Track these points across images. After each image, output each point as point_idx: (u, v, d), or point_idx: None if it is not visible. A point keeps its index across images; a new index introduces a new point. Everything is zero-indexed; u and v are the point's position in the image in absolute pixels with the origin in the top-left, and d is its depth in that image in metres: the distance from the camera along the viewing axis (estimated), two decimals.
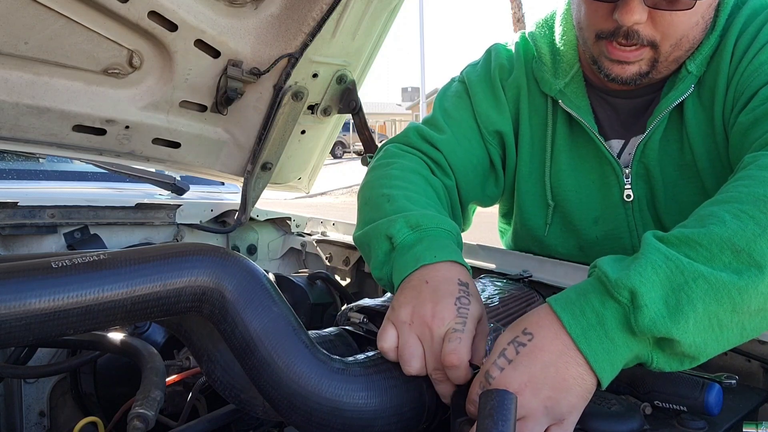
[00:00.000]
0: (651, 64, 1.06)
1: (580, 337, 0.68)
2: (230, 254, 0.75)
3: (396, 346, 0.80)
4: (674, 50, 1.05)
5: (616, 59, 1.06)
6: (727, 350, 0.89)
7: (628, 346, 0.68)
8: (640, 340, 0.68)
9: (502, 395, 0.62)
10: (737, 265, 0.68)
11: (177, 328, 0.84)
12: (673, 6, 1.00)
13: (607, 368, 0.68)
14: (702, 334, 0.67)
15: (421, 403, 0.79)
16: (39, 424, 1.59)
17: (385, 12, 1.41)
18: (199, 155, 1.56)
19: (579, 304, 0.70)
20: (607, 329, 0.68)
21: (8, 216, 1.54)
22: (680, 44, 1.05)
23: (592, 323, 0.68)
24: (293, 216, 1.94)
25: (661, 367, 0.70)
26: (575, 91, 1.20)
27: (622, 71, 1.07)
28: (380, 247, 0.95)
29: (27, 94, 1.23)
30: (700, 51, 1.09)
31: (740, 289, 0.67)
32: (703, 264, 0.68)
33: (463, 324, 0.78)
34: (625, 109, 1.19)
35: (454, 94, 1.30)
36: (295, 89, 1.42)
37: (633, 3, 0.99)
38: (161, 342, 1.29)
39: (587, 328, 0.68)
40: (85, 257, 0.67)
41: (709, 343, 0.68)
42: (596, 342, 0.68)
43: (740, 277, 0.67)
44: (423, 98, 24.18)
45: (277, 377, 0.73)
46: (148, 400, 0.81)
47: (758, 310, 0.68)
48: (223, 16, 1.28)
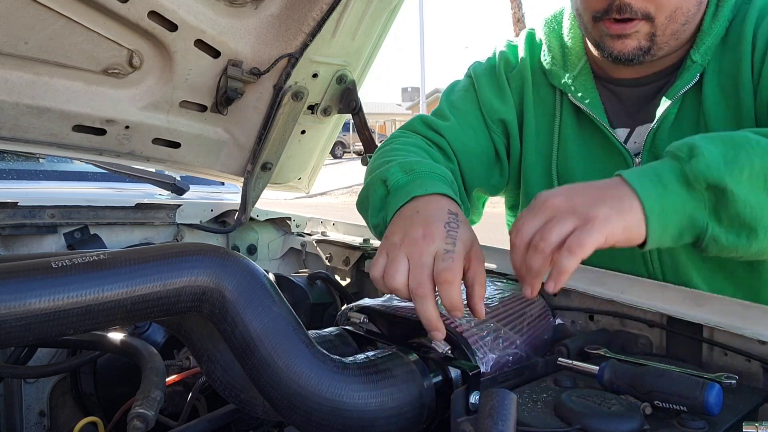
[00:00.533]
0: (650, 38, 1.08)
1: (634, 179, 0.75)
2: (230, 254, 0.75)
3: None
4: (670, 23, 1.07)
5: (615, 34, 1.08)
6: (727, 351, 0.90)
7: (680, 196, 0.75)
8: (694, 194, 0.74)
9: (502, 395, 0.62)
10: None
11: (177, 328, 0.84)
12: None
13: (656, 210, 0.73)
14: (756, 193, 0.73)
15: (421, 403, 0.80)
16: (39, 424, 1.59)
17: (385, 12, 1.41)
18: (199, 155, 1.56)
19: (641, 169, 0.78)
20: (661, 177, 0.75)
21: (8, 216, 1.54)
22: (675, 17, 1.06)
23: (648, 173, 0.76)
24: (293, 216, 1.94)
25: (717, 236, 0.74)
26: (584, 83, 1.23)
27: (623, 46, 1.09)
28: (376, 193, 1.00)
29: (27, 94, 1.23)
30: (703, 39, 1.11)
31: None
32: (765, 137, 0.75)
33: (453, 245, 0.81)
34: (630, 98, 1.21)
35: (461, 87, 1.34)
36: (295, 89, 1.42)
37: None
38: (161, 342, 1.29)
39: (642, 176, 0.75)
40: (85, 257, 0.67)
41: (765, 208, 0.73)
42: (649, 184, 0.74)
43: None
44: (423, 98, 24.18)
45: (277, 377, 0.73)
46: (148, 400, 0.81)
47: None
48: (223, 16, 1.28)
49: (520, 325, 1.01)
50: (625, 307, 1.02)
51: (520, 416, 0.73)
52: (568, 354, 0.93)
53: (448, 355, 0.87)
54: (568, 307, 1.09)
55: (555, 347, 0.97)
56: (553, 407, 0.75)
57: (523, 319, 1.03)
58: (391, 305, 1.00)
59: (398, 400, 0.77)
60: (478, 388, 0.78)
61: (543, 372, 0.91)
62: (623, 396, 0.76)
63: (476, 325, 0.94)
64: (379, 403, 0.75)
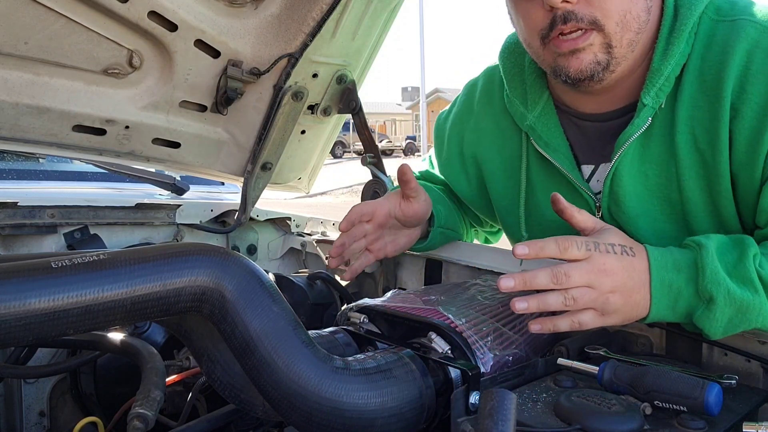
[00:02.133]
0: (605, 50, 1.01)
1: (656, 293, 0.88)
2: (230, 254, 0.76)
3: None
4: (623, 31, 1.00)
5: (567, 50, 1.01)
6: (727, 351, 0.90)
7: (680, 320, 0.90)
8: (686, 323, 0.90)
9: (502, 395, 0.62)
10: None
11: (177, 328, 0.84)
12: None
13: (656, 319, 0.90)
14: (723, 335, 0.88)
15: (421, 403, 0.80)
16: (39, 424, 1.59)
17: (385, 12, 1.41)
18: (199, 155, 1.56)
19: (669, 275, 0.88)
20: (676, 305, 0.88)
21: (8, 216, 1.54)
22: (626, 23, 1.00)
23: (671, 293, 0.88)
24: (293, 216, 1.94)
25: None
26: (547, 121, 1.19)
27: (579, 62, 1.01)
28: None
29: (27, 94, 1.23)
30: (653, 81, 1.04)
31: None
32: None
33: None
34: (594, 133, 1.17)
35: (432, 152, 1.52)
36: (295, 89, 1.42)
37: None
38: (161, 342, 1.29)
39: (665, 293, 0.88)
40: (85, 257, 0.67)
41: (718, 334, 0.88)
42: (665, 306, 0.89)
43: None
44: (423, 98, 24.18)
45: (277, 377, 0.73)
46: (148, 400, 0.81)
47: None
48: (223, 16, 1.28)
49: (520, 325, 1.01)
50: None
51: (520, 416, 0.73)
52: (568, 354, 0.93)
53: (448, 355, 0.87)
54: None
55: (555, 347, 0.97)
56: (553, 407, 0.75)
57: (523, 319, 1.03)
58: (391, 305, 1.00)
59: (398, 400, 0.77)
60: (478, 388, 0.78)
61: (543, 372, 0.91)
62: (623, 396, 0.76)
63: (476, 324, 0.94)
64: (379, 403, 0.75)
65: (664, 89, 1.04)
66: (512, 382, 0.87)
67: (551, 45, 1.03)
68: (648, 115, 1.05)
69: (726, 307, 0.85)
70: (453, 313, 0.95)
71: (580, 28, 0.99)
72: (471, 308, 0.99)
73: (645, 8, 1.02)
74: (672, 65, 1.03)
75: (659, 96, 1.04)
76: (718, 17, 1.03)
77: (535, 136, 1.19)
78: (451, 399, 0.76)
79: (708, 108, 1.01)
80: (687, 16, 1.02)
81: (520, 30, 1.11)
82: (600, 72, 1.02)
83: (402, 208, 1.22)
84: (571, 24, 0.98)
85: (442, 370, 0.85)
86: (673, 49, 1.03)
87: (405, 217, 1.23)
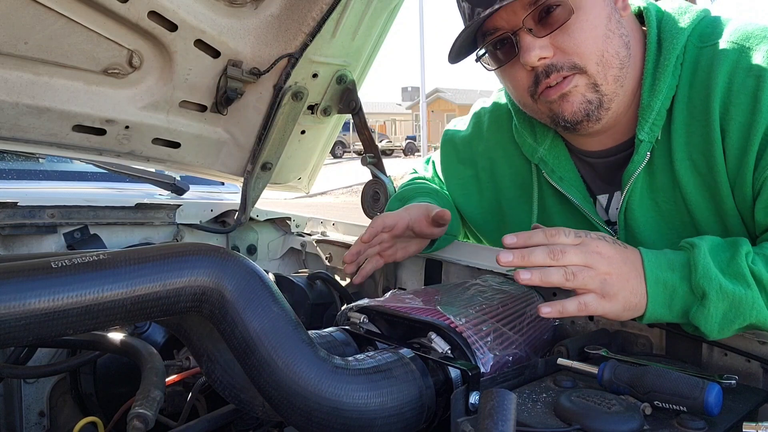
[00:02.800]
0: (593, 89, 1.05)
1: (652, 289, 0.89)
2: (230, 254, 0.75)
3: None
4: (606, 69, 1.04)
5: (556, 96, 1.05)
6: (727, 351, 0.90)
7: (676, 318, 0.90)
8: (688, 323, 0.90)
9: (502, 395, 0.62)
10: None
11: (177, 328, 0.84)
12: (559, 21, 1.01)
13: (652, 319, 0.90)
14: (724, 334, 0.88)
15: (421, 403, 0.79)
16: (39, 424, 1.59)
17: (385, 12, 1.41)
18: (199, 155, 1.56)
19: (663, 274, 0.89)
20: (672, 302, 0.89)
21: (8, 216, 1.53)
22: (606, 61, 1.04)
23: (666, 287, 0.89)
24: (293, 216, 1.94)
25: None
26: (557, 156, 1.23)
27: (570, 105, 1.06)
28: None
29: (27, 94, 1.23)
30: (646, 117, 1.07)
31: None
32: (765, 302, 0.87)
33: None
34: (602, 168, 1.21)
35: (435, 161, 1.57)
36: (295, 89, 1.42)
37: (526, 42, 1.03)
38: (161, 342, 1.29)
39: (660, 289, 0.89)
40: (85, 257, 0.67)
41: (714, 332, 0.88)
42: (661, 302, 0.89)
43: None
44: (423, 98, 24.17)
45: (276, 377, 0.73)
46: (147, 400, 0.81)
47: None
48: (223, 16, 1.28)
49: (520, 325, 1.01)
50: None
51: (520, 416, 0.73)
52: (568, 354, 0.93)
53: (448, 355, 0.87)
54: None
55: (555, 347, 0.97)
56: (553, 407, 0.75)
57: (523, 319, 1.03)
58: (391, 305, 1.00)
59: (398, 400, 0.77)
60: (478, 388, 0.78)
61: (543, 372, 0.91)
62: (623, 396, 0.76)
63: (475, 324, 0.94)
64: (379, 403, 0.75)
65: (658, 123, 1.08)
66: (512, 382, 0.86)
67: (542, 98, 1.08)
68: (646, 149, 1.09)
69: (719, 301, 0.85)
70: (453, 313, 0.95)
71: (564, 76, 1.04)
72: (471, 308, 0.99)
73: (623, 44, 1.06)
74: (661, 100, 1.07)
75: (653, 130, 1.08)
76: (702, 44, 1.07)
77: (548, 169, 1.23)
78: (451, 399, 0.76)
79: (701, 133, 1.04)
80: (670, 49, 1.06)
81: (512, 92, 1.17)
82: (594, 111, 1.06)
83: (426, 229, 1.28)
84: (554, 75, 1.04)
85: (442, 370, 0.85)
86: (660, 84, 1.06)
87: (425, 235, 1.30)
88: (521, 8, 1.02)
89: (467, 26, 1.06)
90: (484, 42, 1.10)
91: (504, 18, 1.04)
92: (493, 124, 1.37)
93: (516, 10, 1.02)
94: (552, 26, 1.02)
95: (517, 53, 1.05)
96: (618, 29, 1.05)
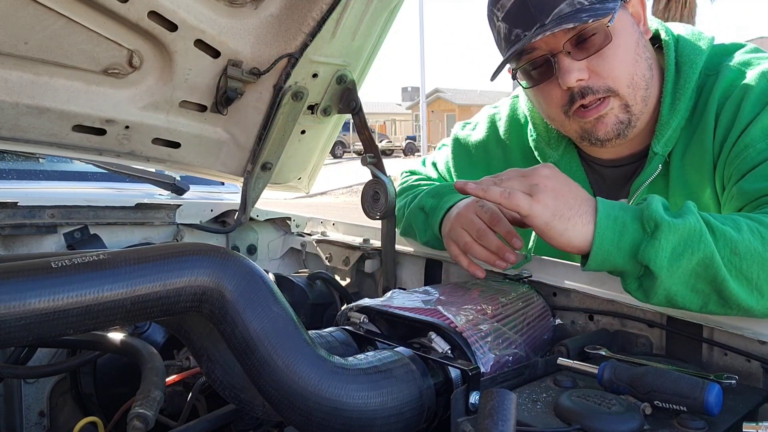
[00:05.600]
0: (625, 110, 1.13)
1: (602, 220, 0.88)
2: (230, 254, 0.76)
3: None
4: (635, 90, 1.13)
5: (593, 118, 1.13)
6: (727, 351, 0.90)
7: (621, 257, 0.88)
8: (635, 264, 0.87)
9: (502, 395, 0.62)
10: (727, 262, 0.86)
11: (177, 328, 0.84)
12: (596, 47, 1.08)
13: (598, 247, 0.88)
14: (678, 286, 0.86)
15: (421, 403, 0.80)
16: (39, 424, 1.59)
17: (385, 12, 1.41)
18: (199, 155, 1.56)
19: (616, 211, 0.90)
20: (621, 242, 0.88)
21: (8, 216, 1.53)
22: (635, 83, 1.12)
23: (617, 221, 0.89)
24: (293, 216, 1.94)
25: (629, 289, 0.91)
26: (569, 162, 1.31)
27: (604, 126, 1.14)
28: (418, 219, 1.37)
29: (27, 94, 1.23)
30: (663, 132, 1.16)
31: (724, 277, 0.85)
32: (714, 244, 0.85)
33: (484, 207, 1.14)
34: (611, 178, 1.29)
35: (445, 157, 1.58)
36: (295, 89, 1.42)
37: (564, 64, 1.09)
38: (161, 342, 1.29)
39: (607, 228, 0.88)
40: (85, 257, 0.67)
41: (678, 297, 0.87)
42: (609, 241, 0.88)
43: (728, 273, 0.85)
44: (423, 98, 24.17)
45: (276, 377, 0.73)
46: (148, 400, 0.81)
47: (734, 304, 0.86)
48: (223, 16, 1.28)
49: (520, 325, 1.01)
50: (625, 307, 1.01)
51: (520, 416, 0.73)
52: (568, 354, 0.94)
53: (448, 355, 0.87)
54: (568, 307, 1.09)
55: (555, 347, 0.97)
56: (553, 407, 0.75)
57: (523, 319, 1.03)
58: (390, 305, 1.00)
59: (398, 400, 0.77)
60: (478, 388, 0.78)
61: (543, 372, 0.91)
62: (623, 396, 0.76)
63: (475, 324, 0.95)
64: (379, 403, 0.75)
65: (672, 138, 1.17)
66: (512, 382, 0.87)
67: (575, 116, 1.15)
68: (659, 162, 1.18)
69: (669, 233, 0.85)
70: (453, 313, 0.95)
71: (599, 98, 1.12)
72: (471, 308, 0.99)
73: (647, 66, 1.15)
74: (678, 118, 1.15)
75: (668, 145, 1.17)
76: (709, 72, 1.16)
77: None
78: (451, 399, 0.76)
79: (699, 144, 1.14)
80: (689, 73, 1.15)
81: (541, 108, 1.24)
82: (624, 129, 1.15)
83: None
84: (590, 97, 1.12)
85: (442, 370, 0.85)
86: (679, 104, 1.15)
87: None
88: (562, 32, 1.08)
89: (512, 48, 1.12)
90: (520, 60, 1.16)
91: (543, 40, 1.09)
92: (510, 129, 1.42)
93: (557, 34, 1.08)
94: (589, 51, 1.09)
95: (555, 74, 1.11)
96: (644, 53, 1.14)
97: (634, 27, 1.14)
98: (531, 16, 1.07)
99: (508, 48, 1.13)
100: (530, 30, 1.08)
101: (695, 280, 0.86)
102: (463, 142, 1.51)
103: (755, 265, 0.86)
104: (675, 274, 0.86)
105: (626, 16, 1.13)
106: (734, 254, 0.86)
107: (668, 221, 0.86)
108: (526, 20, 1.08)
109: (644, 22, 1.18)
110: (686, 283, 0.86)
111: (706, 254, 0.85)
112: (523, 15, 1.08)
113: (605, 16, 1.07)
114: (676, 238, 0.85)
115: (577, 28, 1.07)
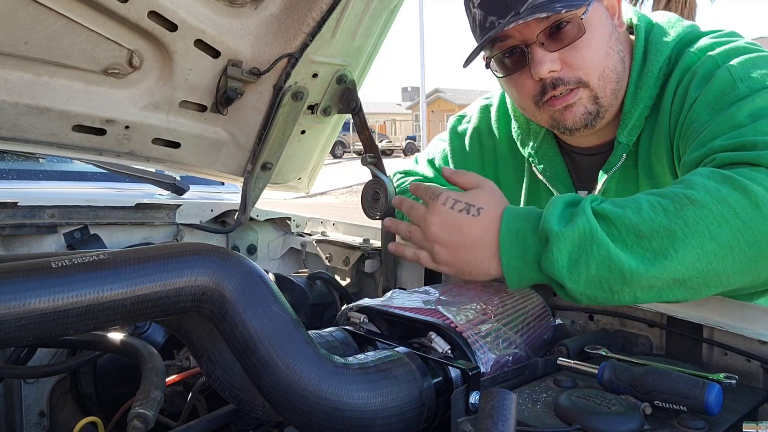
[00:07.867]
0: (593, 101, 1.15)
1: (504, 242, 0.92)
2: (230, 254, 0.76)
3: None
4: (605, 83, 1.14)
5: (561, 107, 1.15)
6: (727, 351, 0.90)
7: (534, 271, 0.90)
8: (544, 278, 0.89)
9: (502, 395, 0.62)
10: (636, 248, 0.83)
11: (177, 328, 0.84)
12: (569, 38, 1.09)
13: (507, 266, 0.92)
14: (593, 290, 0.85)
15: (421, 403, 0.79)
16: (39, 424, 1.59)
17: (385, 12, 1.41)
18: (199, 155, 1.56)
19: (517, 224, 0.92)
20: (525, 256, 0.90)
21: (8, 216, 1.53)
22: (606, 76, 1.13)
23: (518, 243, 0.91)
24: (293, 216, 1.94)
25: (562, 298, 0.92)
26: (547, 151, 1.33)
27: (573, 115, 1.15)
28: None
29: (27, 94, 1.23)
30: (626, 122, 1.18)
31: (632, 268, 0.81)
32: (610, 238, 0.83)
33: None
34: (585, 165, 1.31)
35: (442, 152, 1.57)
36: (295, 89, 1.42)
37: (538, 55, 1.10)
38: (161, 342, 1.29)
39: (510, 244, 0.92)
40: (85, 257, 0.67)
41: (600, 299, 0.85)
42: (515, 256, 0.91)
43: (634, 259, 0.82)
44: (423, 98, 24.17)
45: (276, 377, 0.73)
46: (148, 400, 0.81)
47: (649, 287, 0.83)
48: (223, 16, 1.28)
49: (520, 325, 1.01)
50: (625, 307, 1.01)
51: (520, 416, 0.73)
52: (568, 354, 0.93)
53: (448, 354, 0.87)
54: (568, 307, 1.09)
55: (555, 347, 0.97)
56: (553, 407, 0.75)
57: (523, 319, 1.03)
58: (391, 305, 1.00)
59: (398, 400, 0.77)
60: (478, 388, 0.78)
61: (543, 372, 0.91)
62: (623, 396, 0.76)
63: (475, 324, 0.95)
64: (379, 403, 0.75)
65: (636, 127, 1.18)
66: (512, 382, 0.86)
67: (546, 106, 1.16)
68: (623, 151, 1.20)
69: (560, 243, 0.84)
70: (453, 313, 0.95)
71: (569, 89, 1.13)
72: (471, 308, 0.99)
73: (619, 60, 1.16)
74: (642, 107, 1.17)
75: (632, 134, 1.19)
76: (677, 59, 1.16)
77: (536, 162, 1.33)
78: (451, 399, 0.76)
79: (662, 132, 1.15)
80: (654, 61, 1.15)
81: (514, 98, 1.26)
82: (592, 120, 1.17)
83: None
84: (561, 88, 1.13)
85: (442, 370, 0.85)
86: (641, 93, 1.16)
87: None
88: (536, 22, 1.08)
89: (486, 35, 1.12)
90: (493, 49, 1.16)
91: (517, 29, 1.10)
92: (499, 119, 1.44)
93: (530, 24, 1.08)
94: (562, 42, 1.10)
95: (528, 64, 1.12)
96: (616, 46, 1.15)
97: (608, 20, 1.15)
98: (506, 4, 1.08)
99: (483, 35, 1.13)
100: (504, 18, 1.08)
101: (605, 281, 0.84)
102: (460, 134, 1.53)
103: (666, 239, 0.82)
104: (580, 280, 0.84)
105: (601, 9, 1.14)
106: (641, 237, 0.82)
107: (556, 231, 0.85)
108: (501, 8, 1.09)
109: (618, 15, 1.18)
110: (598, 287, 0.84)
111: (603, 256, 0.82)
112: (499, 3, 1.09)
113: (579, 7, 1.07)
114: (568, 246, 0.84)
115: (551, 18, 1.07)
